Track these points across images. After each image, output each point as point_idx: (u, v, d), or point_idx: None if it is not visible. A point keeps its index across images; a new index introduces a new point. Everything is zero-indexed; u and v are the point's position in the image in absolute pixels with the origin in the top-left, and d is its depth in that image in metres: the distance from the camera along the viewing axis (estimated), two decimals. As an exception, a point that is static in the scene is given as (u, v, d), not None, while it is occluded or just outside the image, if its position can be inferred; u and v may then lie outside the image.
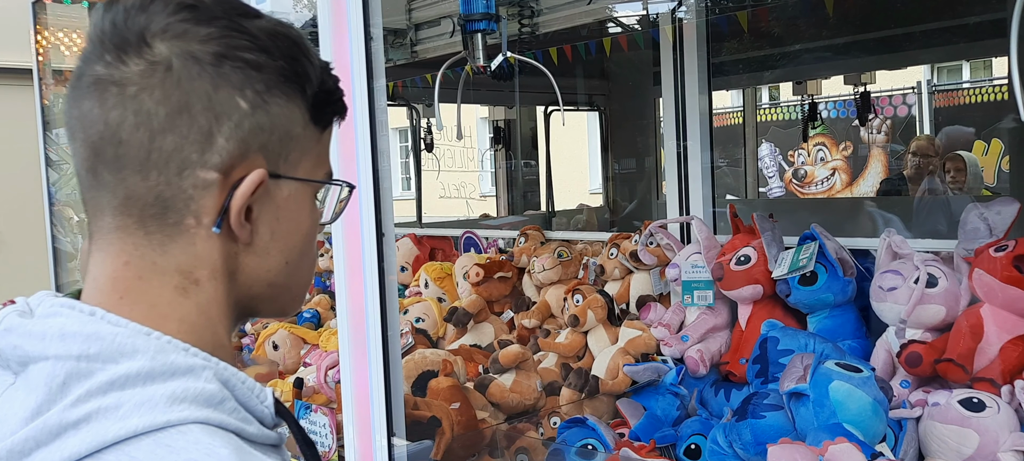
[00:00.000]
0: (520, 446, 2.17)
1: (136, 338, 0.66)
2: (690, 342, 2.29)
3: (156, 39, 0.67)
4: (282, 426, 0.77)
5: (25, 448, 0.62)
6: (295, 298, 0.80)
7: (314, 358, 2.63)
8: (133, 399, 0.63)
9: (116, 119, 0.67)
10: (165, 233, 0.70)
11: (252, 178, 0.70)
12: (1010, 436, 1.64)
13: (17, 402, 0.64)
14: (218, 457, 0.62)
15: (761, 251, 2.22)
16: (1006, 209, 1.92)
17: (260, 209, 0.72)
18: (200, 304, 0.71)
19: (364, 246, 1.77)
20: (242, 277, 0.74)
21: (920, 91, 8.71)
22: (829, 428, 1.62)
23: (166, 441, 0.62)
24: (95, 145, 0.68)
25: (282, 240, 0.75)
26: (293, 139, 0.73)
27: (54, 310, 0.68)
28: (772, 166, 9.55)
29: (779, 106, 9.73)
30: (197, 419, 0.64)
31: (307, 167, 0.75)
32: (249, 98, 0.69)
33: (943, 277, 1.94)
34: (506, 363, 2.29)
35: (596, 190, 7.35)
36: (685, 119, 2.81)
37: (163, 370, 0.65)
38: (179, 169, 0.68)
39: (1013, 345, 1.81)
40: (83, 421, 0.62)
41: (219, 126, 0.68)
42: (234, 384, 0.69)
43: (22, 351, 0.66)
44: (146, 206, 0.69)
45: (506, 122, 5.87)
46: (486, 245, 3.36)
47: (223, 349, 0.72)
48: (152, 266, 0.70)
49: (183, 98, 0.67)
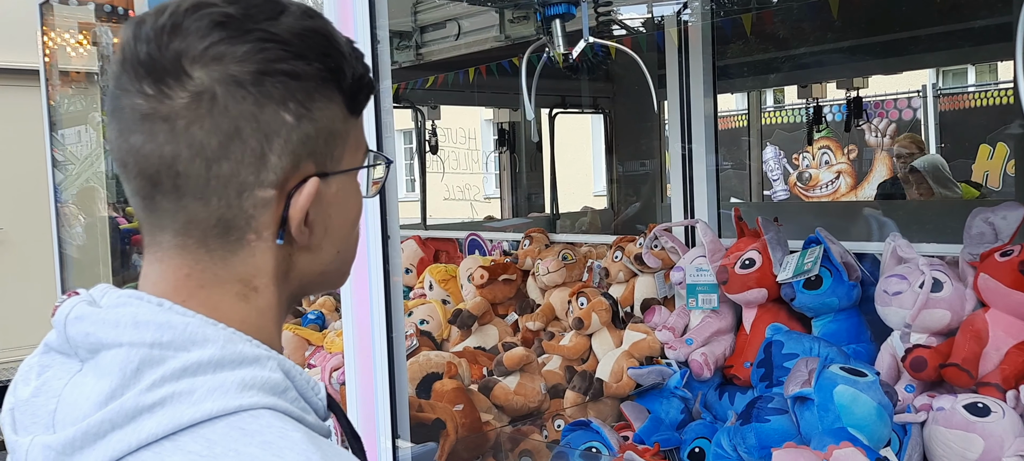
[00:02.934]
0: (524, 449, 2.17)
1: (206, 328, 0.68)
2: (694, 345, 2.29)
3: (195, 66, 0.67)
4: (330, 419, 0.79)
5: (101, 430, 0.63)
6: (344, 275, 0.83)
7: (318, 359, 2.63)
8: (206, 385, 0.65)
9: (170, 154, 0.68)
10: (227, 249, 0.71)
11: (309, 190, 0.71)
12: (1015, 441, 1.64)
13: (89, 387, 0.66)
14: (292, 440, 0.64)
15: (766, 254, 2.22)
16: (1012, 214, 1.92)
17: (315, 212, 0.73)
18: (259, 308, 0.73)
19: (369, 248, 1.77)
20: (295, 274, 0.76)
21: (925, 94, 8.69)
22: (834, 432, 1.62)
23: (240, 424, 0.64)
24: (152, 177, 0.69)
25: (334, 233, 0.76)
26: (337, 136, 0.74)
27: (123, 300, 0.69)
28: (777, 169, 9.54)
29: (784, 109, 9.73)
30: (267, 405, 0.66)
31: (349, 156, 0.76)
32: (293, 110, 0.70)
33: (948, 282, 1.94)
34: (510, 366, 2.30)
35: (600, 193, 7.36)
36: (690, 122, 2.81)
37: (232, 358, 0.67)
38: (238, 192, 0.69)
39: (1018, 350, 1.81)
40: (158, 405, 0.64)
41: (270, 145, 0.69)
42: (294, 375, 0.72)
43: (95, 338, 0.67)
44: (208, 228, 0.70)
45: (511, 124, 5.87)
46: (491, 247, 3.37)
47: (275, 347, 0.74)
48: (213, 277, 0.72)
49: (232, 124, 0.68)
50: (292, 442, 0.64)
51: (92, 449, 0.63)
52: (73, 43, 4.15)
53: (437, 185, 5.58)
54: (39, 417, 0.67)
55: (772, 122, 9.67)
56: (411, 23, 3.49)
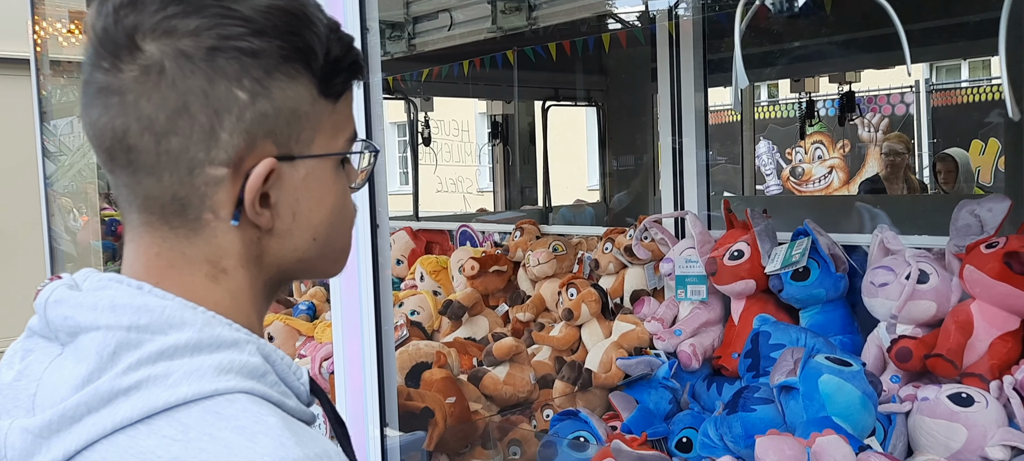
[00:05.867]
0: (513, 438, 2.18)
1: (184, 311, 0.68)
2: (683, 336, 2.30)
3: (146, 39, 0.67)
4: (314, 404, 0.78)
5: (77, 413, 0.63)
6: (334, 263, 0.80)
7: (309, 350, 2.64)
8: (182, 368, 0.65)
9: (121, 127, 0.68)
10: (188, 227, 0.71)
11: (260, 169, 0.69)
12: (998, 431, 1.65)
13: (67, 370, 0.66)
14: (267, 425, 0.64)
15: (754, 246, 2.23)
16: (998, 206, 1.93)
17: (277, 194, 0.71)
18: (231, 291, 0.72)
19: (359, 237, 1.78)
20: (268, 259, 0.74)
21: (918, 90, 8.72)
22: (818, 421, 1.63)
23: (215, 408, 0.64)
24: (108, 151, 0.70)
25: (305, 219, 0.74)
26: (302, 118, 0.71)
27: (103, 284, 0.69)
28: (770, 164, 9.56)
29: (777, 104, 9.74)
30: (243, 389, 0.66)
31: (323, 141, 0.74)
32: (247, 88, 0.68)
33: (934, 273, 1.95)
34: (500, 356, 2.30)
35: (594, 187, 7.36)
36: (681, 116, 2.81)
37: (210, 342, 0.67)
38: (189, 169, 0.68)
39: (1002, 341, 1.82)
40: (134, 388, 0.64)
41: (220, 121, 0.68)
42: (274, 359, 0.71)
43: (73, 322, 0.67)
44: (165, 204, 0.70)
45: (504, 117, 5.87)
46: (482, 239, 3.37)
47: (255, 332, 0.73)
48: (182, 256, 0.71)
49: (180, 99, 0.67)
50: (267, 427, 0.64)
51: (68, 432, 0.63)
52: (64, 32, 4.13)
53: (429, 177, 5.57)
54: (20, 401, 0.67)
55: (765, 117, 9.69)
56: (403, 14, 3.48)
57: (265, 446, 0.62)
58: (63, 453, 0.63)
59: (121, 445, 0.63)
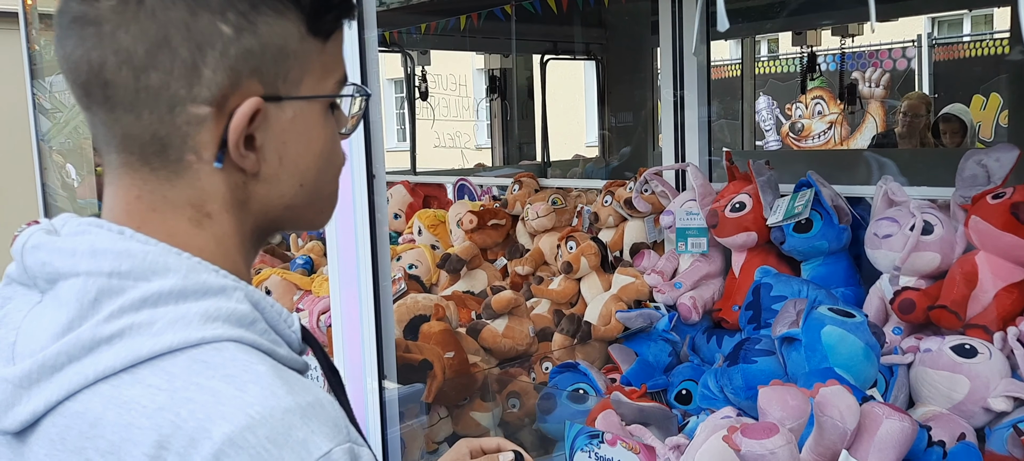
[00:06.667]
0: (512, 390, 2.17)
1: (167, 256, 0.65)
2: (683, 289, 2.28)
3: None
4: (308, 353, 0.76)
5: (57, 363, 0.61)
6: (320, 212, 0.77)
7: (307, 303, 2.62)
8: (167, 316, 0.62)
9: (98, 60, 0.64)
10: (169, 169, 0.67)
11: (245, 109, 0.66)
12: (1001, 382, 1.64)
13: (46, 318, 0.64)
14: (256, 373, 0.62)
15: (756, 198, 2.20)
16: (1005, 156, 1.90)
17: (263, 137, 0.68)
18: (217, 236, 0.69)
19: (354, 188, 1.75)
20: (255, 205, 0.71)
21: (920, 44, 8.62)
22: (820, 372, 1.62)
23: (202, 357, 0.62)
24: (84, 86, 0.66)
25: (292, 164, 0.70)
26: (290, 56, 0.68)
27: (83, 228, 0.67)
28: (769, 119, 9.49)
29: (778, 59, 9.64)
30: (231, 337, 0.63)
31: (312, 82, 0.70)
32: (232, 22, 0.64)
33: (939, 224, 1.93)
34: (498, 308, 2.29)
35: (592, 143, 7.31)
36: (683, 69, 2.76)
37: (195, 288, 0.64)
38: (170, 106, 0.65)
39: (1007, 292, 1.80)
40: (116, 336, 0.61)
41: (203, 56, 0.64)
42: (264, 306, 0.69)
43: (52, 268, 0.65)
44: (145, 144, 0.66)
45: (502, 71, 5.80)
46: (480, 193, 3.34)
47: (242, 278, 0.70)
48: (163, 199, 0.68)
49: (160, 31, 0.63)
50: (256, 375, 0.61)
51: (49, 382, 0.61)
52: (53, -16, 4.05)
53: (427, 133, 5.52)
54: (0, 350, 0.65)
55: (765, 72, 9.60)
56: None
57: (255, 395, 0.60)
58: (44, 403, 0.61)
59: (104, 395, 0.61)
